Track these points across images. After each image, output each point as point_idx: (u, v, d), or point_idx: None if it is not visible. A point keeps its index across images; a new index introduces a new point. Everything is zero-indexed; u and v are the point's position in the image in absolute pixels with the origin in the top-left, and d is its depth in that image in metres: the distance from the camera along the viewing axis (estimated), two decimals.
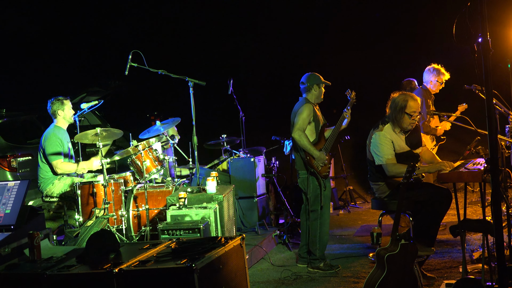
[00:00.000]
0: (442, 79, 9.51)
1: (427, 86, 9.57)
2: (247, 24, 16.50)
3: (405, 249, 6.19)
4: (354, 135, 11.69)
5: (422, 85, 9.64)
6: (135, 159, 8.97)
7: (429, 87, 9.53)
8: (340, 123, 8.15)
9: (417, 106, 7.45)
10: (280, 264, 8.56)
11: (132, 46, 8.81)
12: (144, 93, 16.43)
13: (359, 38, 15.73)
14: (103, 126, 12.35)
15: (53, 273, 5.07)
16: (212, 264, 5.09)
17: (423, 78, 9.70)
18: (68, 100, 9.32)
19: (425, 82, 9.63)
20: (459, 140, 12.26)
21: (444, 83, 9.59)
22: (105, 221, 8.38)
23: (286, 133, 8.70)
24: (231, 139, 10.83)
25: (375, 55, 14.95)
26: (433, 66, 9.60)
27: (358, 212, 11.99)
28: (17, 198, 5.84)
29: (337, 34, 15.79)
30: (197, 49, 16.65)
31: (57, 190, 9.04)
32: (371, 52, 15.21)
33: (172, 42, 16.70)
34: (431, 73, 9.57)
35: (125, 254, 5.49)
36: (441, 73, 9.52)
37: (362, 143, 9.48)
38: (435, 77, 9.49)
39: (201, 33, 16.69)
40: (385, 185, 7.53)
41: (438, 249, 8.43)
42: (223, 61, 16.06)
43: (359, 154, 12.20)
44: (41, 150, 9.09)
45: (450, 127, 9.85)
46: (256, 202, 9.86)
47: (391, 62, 9.47)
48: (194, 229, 7.14)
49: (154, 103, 16.21)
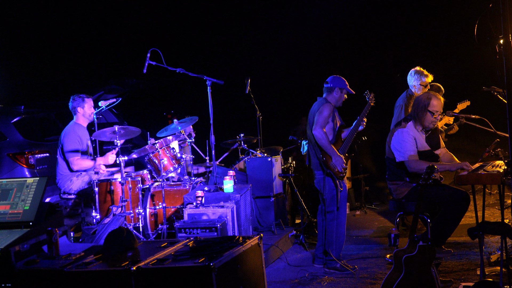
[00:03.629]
0: (425, 82, 9.27)
1: (412, 90, 9.34)
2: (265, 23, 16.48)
3: (423, 250, 6.17)
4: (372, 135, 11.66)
5: (408, 89, 9.43)
6: (153, 157, 8.99)
7: (414, 91, 9.31)
8: (356, 127, 8.12)
9: (440, 105, 7.42)
10: (296, 264, 8.55)
11: (150, 45, 8.83)
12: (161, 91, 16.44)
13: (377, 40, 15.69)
14: (120, 124, 12.38)
15: (72, 270, 5.09)
16: (230, 263, 5.09)
17: (408, 82, 9.43)
18: (90, 99, 9.35)
19: (410, 86, 9.34)
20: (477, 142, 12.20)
21: (428, 85, 9.36)
22: (123, 218, 8.41)
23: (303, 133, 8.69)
24: (248, 138, 10.83)
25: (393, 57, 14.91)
26: (415, 69, 9.33)
27: (375, 213, 11.94)
28: (36, 195, 5.86)
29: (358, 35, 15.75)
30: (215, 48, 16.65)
31: (75, 187, 9.08)
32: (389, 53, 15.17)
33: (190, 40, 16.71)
34: (413, 77, 9.31)
35: (143, 252, 5.49)
36: (423, 75, 9.27)
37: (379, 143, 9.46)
38: (418, 80, 9.26)
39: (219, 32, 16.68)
40: (404, 185, 7.49)
41: (455, 251, 8.39)
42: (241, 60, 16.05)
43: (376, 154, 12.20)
44: (60, 146, 9.13)
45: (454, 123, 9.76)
46: (272, 202, 9.86)
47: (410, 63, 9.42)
48: (211, 227, 7.16)
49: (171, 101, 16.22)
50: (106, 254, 5.47)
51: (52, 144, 10.73)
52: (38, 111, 11.98)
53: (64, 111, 9.44)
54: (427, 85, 9.23)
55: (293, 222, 10.74)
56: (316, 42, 16.06)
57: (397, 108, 9.24)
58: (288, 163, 10.59)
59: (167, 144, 9.17)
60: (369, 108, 8.17)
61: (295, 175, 10.48)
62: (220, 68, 15.54)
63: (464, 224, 9.23)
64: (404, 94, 9.32)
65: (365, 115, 8.14)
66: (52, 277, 5.14)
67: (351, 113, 8.39)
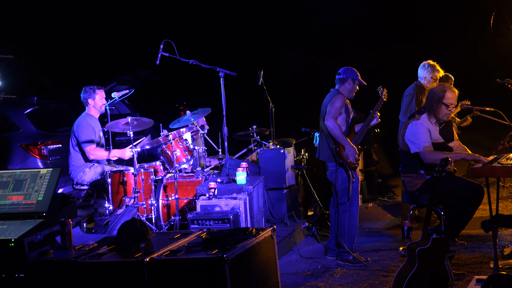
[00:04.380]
0: (436, 76, 9.29)
1: (421, 82, 9.37)
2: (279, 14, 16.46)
3: (436, 243, 6.14)
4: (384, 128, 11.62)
5: (417, 81, 9.44)
6: (166, 148, 8.99)
7: (423, 83, 9.33)
8: (368, 121, 8.10)
9: (454, 97, 7.38)
10: (308, 256, 8.55)
11: (163, 36, 8.81)
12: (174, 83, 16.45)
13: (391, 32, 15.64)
14: (133, 115, 12.40)
15: (85, 261, 5.10)
16: (244, 255, 5.08)
17: (418, 73, 9.47)
18: (101, 90, 9.35)
19: (420, 78, 9.39)
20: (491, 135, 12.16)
21: (438, 80, 9.37)
22: (135, 210, 8.41)
23: (316, 124, 8.66)
24: (261, 130, 10.81)
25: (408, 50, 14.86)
26: (428, 62, 9.35)
27: (387, 206, 11.91)
28: (49, 186, 5.87)
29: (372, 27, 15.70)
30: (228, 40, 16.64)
31: (87, 178, 9.09)
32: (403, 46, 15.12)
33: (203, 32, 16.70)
34: (425, 69, 9.35)
35: (156, 243, 5.50)
36: (436, 69, 9.30)
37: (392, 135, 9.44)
38: (430, 73, 9.28)
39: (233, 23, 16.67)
40: (418, 178, 7.46)
41: (469, 243, 8.37)
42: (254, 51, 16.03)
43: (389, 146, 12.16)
44: (73, 137, 9.13)
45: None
46: (285, 194, 9.84)
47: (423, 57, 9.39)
48: (224, 219, 7.15)
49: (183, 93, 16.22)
50: (119, 245, 5.48)
51: (65, 135, 10.74)
52: (51, 102, 12.01)
53: (77, 102, 9.46)
54: (437, 80, 9.24)
55: (306, 214, 10.73)
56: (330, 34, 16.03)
57: (406, 97, 9.23)
58: (300, 155, 10.57)
59: (180, 135, 9.16)
60: (382, 103, 8.16)
61: (307, 167, 10.46)
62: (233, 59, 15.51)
63: (478, 217, 9.18)
64: (413, 85, 9.33)
65: (377, 110, 8.12)
66: (65, 268, 5.15)
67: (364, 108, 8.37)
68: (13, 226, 5.52)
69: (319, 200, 10.08)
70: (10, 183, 6.00)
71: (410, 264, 6.15)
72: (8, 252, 5.27)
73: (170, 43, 8.65)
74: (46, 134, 10.87)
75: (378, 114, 8.15)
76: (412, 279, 6.05)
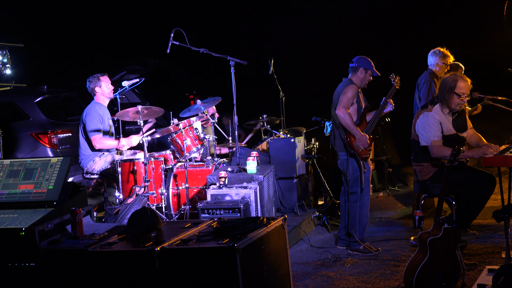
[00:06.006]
0: (447, 61, 9.31)
1: (433, 69, 9.36)
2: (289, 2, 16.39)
3: (448, 233, 6.13)
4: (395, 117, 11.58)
5: (428, 69, 9.43)
6: (176, 137, 8.99)
7: (435, 70, 9.32)
8: (381, 109, 8.07)
9: (467, 87, 7.34)
10: (319, 246, 8.54)
11: (173, 24, 8.79)
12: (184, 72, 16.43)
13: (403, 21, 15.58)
14: (143, 104, 12.41)
15: (95, 250, 5.09)
16: (255, 245, 5.07)
17: (428, 61, 9.44)
18: (105, 76, 9.33)
19: (431, 65, 9.36)
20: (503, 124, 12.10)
21: (449, 65, 9.39)
22: (145, 199, 8.42)
23: (326, 114, 8.64)
24: (271, 119, 10.80)
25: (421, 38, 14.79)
26: (438, 48, 9.38)
27: (398, 195, 11.90)
28: (60, 174, 5.87)
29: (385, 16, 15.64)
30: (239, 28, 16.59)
31: (97, 167, 9.10)
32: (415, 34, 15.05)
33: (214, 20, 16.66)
34: (437, 56, 9.34)
35: (167, 232, 5.49)
36: (446, 55, 9.31)
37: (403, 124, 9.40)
38: (442, 59, 9.28)
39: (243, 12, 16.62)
40: (429, 167, 7.44)
41: (480, 233, 8.35)
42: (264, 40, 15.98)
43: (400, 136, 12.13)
44: (82, 126, 9.14)
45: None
46: (295, 183, 9.83)
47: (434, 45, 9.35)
48: (234, 208, 7.15)
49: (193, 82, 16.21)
50: (129, 234, 5.47)
51: (74, 124, 10.77)
52: (61, 91, 12.03)
53: (86, 91, 9.46)
54: (448, 65, 9.25)
55: (316, 203, 10.73)
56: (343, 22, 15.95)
57: (424, 84, 9.17)
58: (311, 144, 10.56)
59: (190, 124, 9.16)
60: (394, 91, 8.12)
61: (318, 156, 10.45)
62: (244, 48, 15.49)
63: (489, 206, 9.15)
64: (425, 73, 9.30)
65: (390, 98, 8.08)
66: (76, 257, 5.15)
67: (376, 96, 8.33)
68: (24, 215, 5.53)
69: (330, 190, 10.08)
70: (21, 172, 6.00)
71: (422, 254, 6.14)
72: (19, 241, 5.27)
73: (180, 32, 8.63)
74: (56, 123, 10.89)
75: (391, 101, 8.11)
76: (423, 269, 6.05)
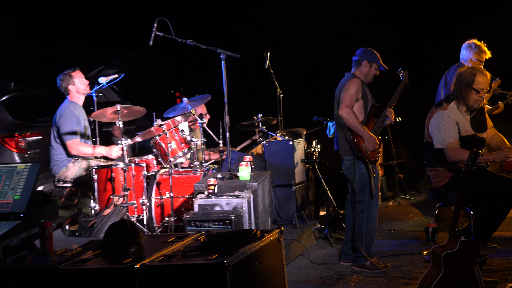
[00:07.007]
0: (483, 58, 9.26)
1: (465, 64, 9.31)
2: None
3: (465, 247, 6.12)
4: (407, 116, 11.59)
5: (459, 62, 9.39)
6: (159, 140, 8.97)
7: (467, 65, 9.28)
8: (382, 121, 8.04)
9: (486, 82, 7.34)
10: (320, 262, 8.54)
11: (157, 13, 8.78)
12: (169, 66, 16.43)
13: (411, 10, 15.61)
14: (123, 102, 12.38)
15: (67, 268, 5.08)
16: (246, 261, 5.07)
17: (461, 55, 9.41)
18: (77, 71, 9.30)
19: (463, 60, 9.32)
20: None
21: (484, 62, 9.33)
22: (125, 209, 8.41)
23: (329, 113, 8.64)
24: (267, 119, 10.79)
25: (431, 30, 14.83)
26: (474, 42, 9.30)
27: (410, 204, 11.91)
28: (27, 183, 5.86)
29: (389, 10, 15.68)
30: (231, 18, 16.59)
31: (71, 174, 9.08)
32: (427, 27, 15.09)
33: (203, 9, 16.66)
34: (472, 50, 9.28)
35: (148, 247, 5.49)
36: (482, 50, 9.26)
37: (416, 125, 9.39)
38: (477, 55, 9.24)
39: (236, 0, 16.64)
40: (445, 172, 7.44)
41: (502, 247, 8.34)
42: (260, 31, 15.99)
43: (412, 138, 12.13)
44: (54, 128, 9.11)
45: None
46: (294, 191, 9.82)
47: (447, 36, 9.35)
48: (225, 220, 7.12)
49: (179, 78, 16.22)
50: (106, 250, 5.47)
51: (45, 125, 10.75)
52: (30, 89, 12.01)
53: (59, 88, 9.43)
54: (483, 62, 9.19)
55: (317, 214, 10.71)
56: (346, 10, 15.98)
57: None
58: (312, 147, 10.54)
59: (176, 125, 9.15)
60: (403, 88, 8.11)
61: (319, 161, 10.43)
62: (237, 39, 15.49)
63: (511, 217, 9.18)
64: (455, 67, 9.25)
65: (399, 95, 8.07)
66: (46, 275, 5.14)
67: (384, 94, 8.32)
68: None
69: (333, 199, 10.06)
70: None
71: (435, 270, 6.13)
72: None
73: (165, 21, 8.61)
74: (24, 124, 10.88)
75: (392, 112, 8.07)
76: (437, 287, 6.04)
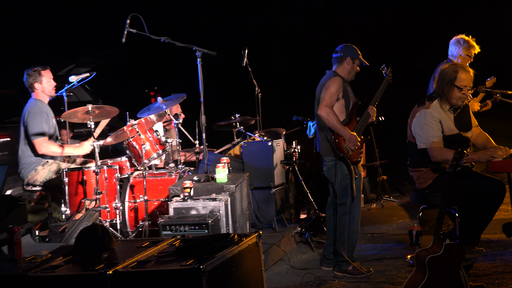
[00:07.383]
0: (472, 53, 9.32)
1: (454, 60, 9.35)
2: None
3: (450, 250, 6.15)
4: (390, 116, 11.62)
5: (447, 59, 9.44)
6: (133, 141, 8.96)
7: (456, 61, 9.33)
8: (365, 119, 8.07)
9: (469, 79, 7.38)
10: (301, 267, 8.56)
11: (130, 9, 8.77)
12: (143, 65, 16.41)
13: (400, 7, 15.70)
14: (95, 102, 12.36)
15: (37, 275, 5.08)
16: (223, 266, 5.09)
17: (449, 51, 9.45)
18: (47, 70, 9.25)
19: (452, 56, 9.36)
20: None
21: (473, 57, 9.38)
22: (97, 214, 8.39)
23: (309, 112, 8.67)
24: (245, 119, 10.79)
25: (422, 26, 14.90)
26: (462, 37, 9.34)
27: (393, 207, 11.96)
28: None
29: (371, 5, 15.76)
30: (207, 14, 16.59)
31: (40, 178, 9.04)
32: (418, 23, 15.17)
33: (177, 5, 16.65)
34: (461, 46, 9.33)
35: (121, 253, 5.50)
36: (471, 45, 9.31)
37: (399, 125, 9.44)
38: (466, 50, 9.29)
39: None
40: (428, 173, 7.47)
41: (488, 250, 8.38)
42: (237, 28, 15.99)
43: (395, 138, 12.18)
44: (22, 128, 9.06)
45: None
46: (273, 194, 9.83)
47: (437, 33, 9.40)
48: (201, 224, 7.13)
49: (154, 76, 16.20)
50: (77, 256, 5.47)
51: (14, 126, 10.70)
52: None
53: None
54: (472, 57, 9.24)
55: (298, 217, 10.73)
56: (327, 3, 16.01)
57: None
58: (291, 148, 10.54)
59: (150, 126, 9.14)
60: (387, 85, 8.14)
61: (300, 162, 10.45)
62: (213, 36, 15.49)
63: (499, 219, 9.22)
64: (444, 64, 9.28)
65: (382, 92, 8.10)
66: (14, 283, 5.13)
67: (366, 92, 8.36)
68: None
69: (314, 201, 10.07)
70: None
71: (420, 275, 6.17)
72: None
73: (138, 18, 8.60)
74: None
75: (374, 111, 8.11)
76: None
